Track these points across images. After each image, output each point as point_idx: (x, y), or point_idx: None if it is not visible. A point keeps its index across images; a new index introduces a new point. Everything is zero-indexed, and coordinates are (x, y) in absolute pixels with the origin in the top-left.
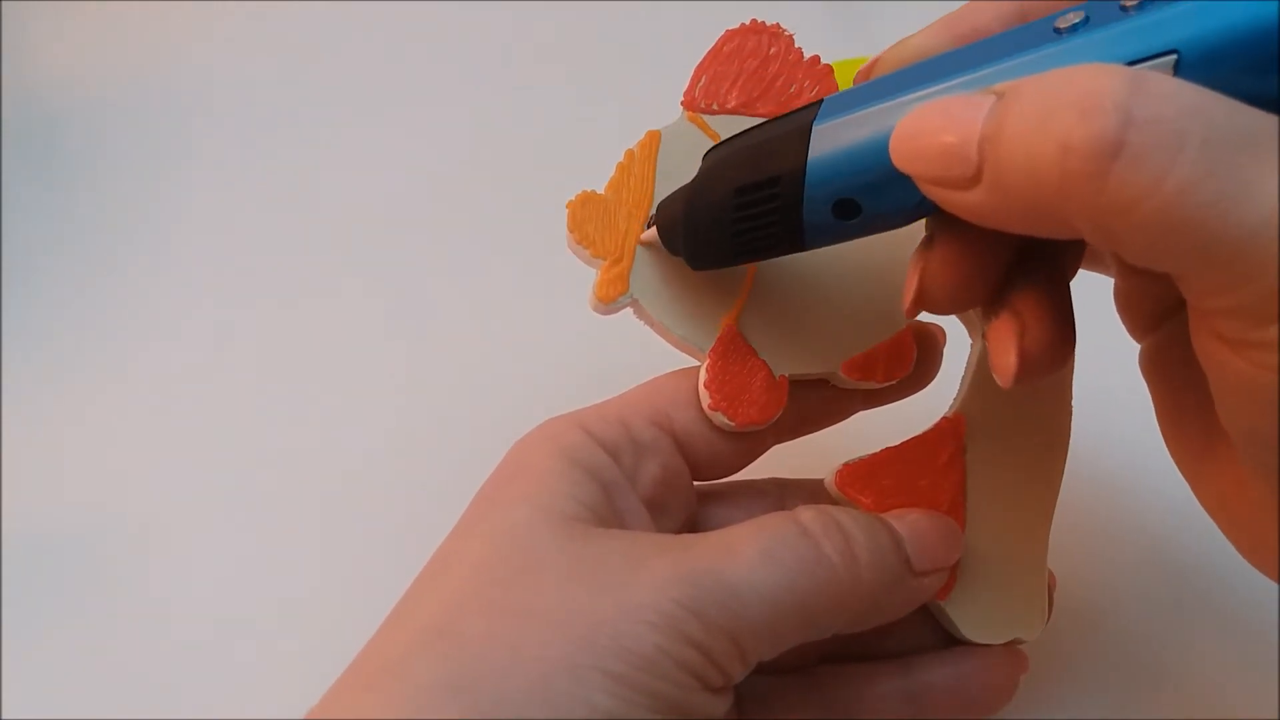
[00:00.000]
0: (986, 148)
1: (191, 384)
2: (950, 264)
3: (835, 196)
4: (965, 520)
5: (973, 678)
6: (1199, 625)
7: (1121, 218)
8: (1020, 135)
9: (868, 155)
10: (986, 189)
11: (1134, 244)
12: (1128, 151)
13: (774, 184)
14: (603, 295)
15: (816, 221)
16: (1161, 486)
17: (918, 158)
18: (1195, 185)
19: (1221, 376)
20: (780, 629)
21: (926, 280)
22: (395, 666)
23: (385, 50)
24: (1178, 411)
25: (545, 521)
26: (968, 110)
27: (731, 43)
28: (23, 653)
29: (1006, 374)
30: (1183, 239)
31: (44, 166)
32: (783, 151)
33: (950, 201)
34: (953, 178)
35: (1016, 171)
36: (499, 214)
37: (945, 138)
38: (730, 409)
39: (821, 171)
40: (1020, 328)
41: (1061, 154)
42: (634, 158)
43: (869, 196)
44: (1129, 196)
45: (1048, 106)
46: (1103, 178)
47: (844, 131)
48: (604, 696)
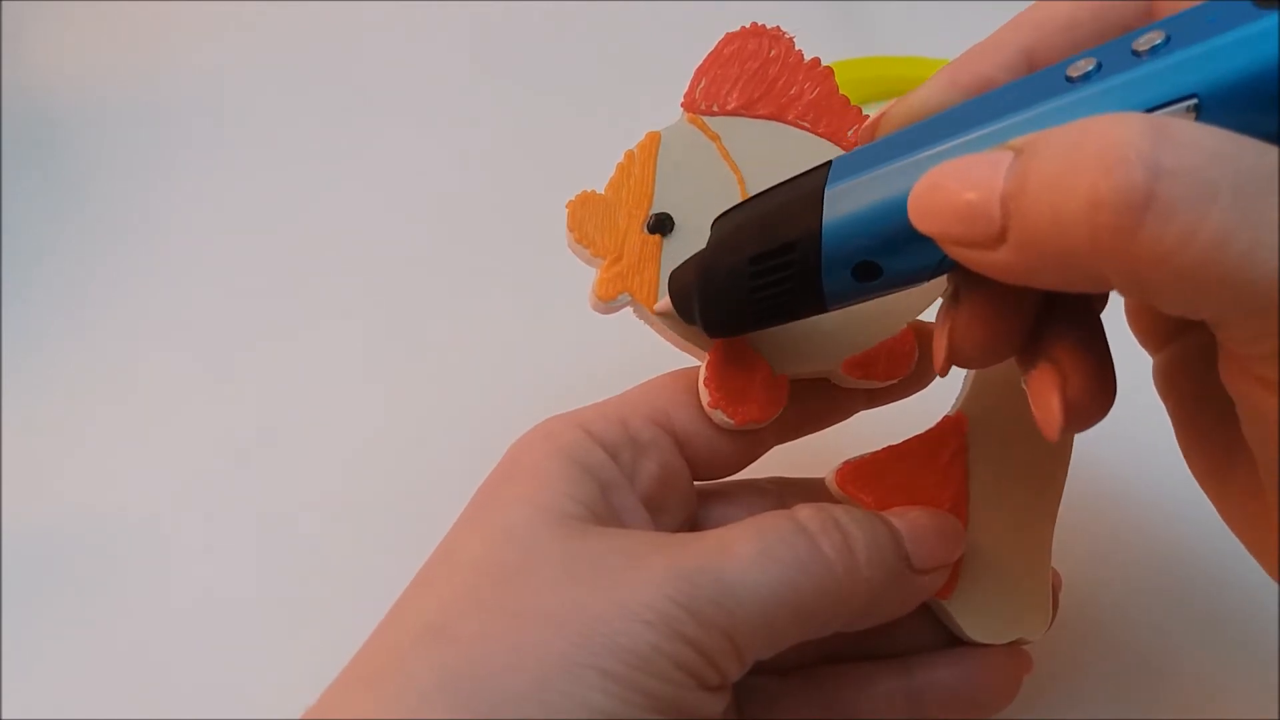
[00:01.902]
0: (1010, 205)
1: (191, 383)
2: (979, 320)
3: (854, 260)
4: (968, 519)
5: (975, 678)
6: (1201, 626)
7: (1156, 270)
8: (1045, 191)
9: (885, 217)
10: (1013, 247)
11: (1168, 295)
12: (1158, 203)
13: (789, 250)
14: (602, 294)
15: (837, 286)
16: (1165, 486)
17: (938, 218)
18: (1230, 234)
19: (1254, 411)
20: (777, 628)
21: (956, 338)
22: (392, 666)
23: (385, 50)
24: (1197, 429)
25: (543, 521)
26: (987, 168)
27: (732, 45)
28: (23, 652)
29: (1052, 427)
30: (1219, 289)
31: (44, 166)
32: (796, 218)
33: (975, 261)
34: (976, 237)
35: (1044, 228)
36: (499, 213)
37: (966, 196)
38: (730, 407)
39: (838, 237)
40: (1061, 379)
41: (1090, 209)
42: (634, 158)
43: (889, 258)
44: (1163, 249)
45: (1070, 161)
46: (1134, 231)
47: (858, 194)
48: (600, 696)
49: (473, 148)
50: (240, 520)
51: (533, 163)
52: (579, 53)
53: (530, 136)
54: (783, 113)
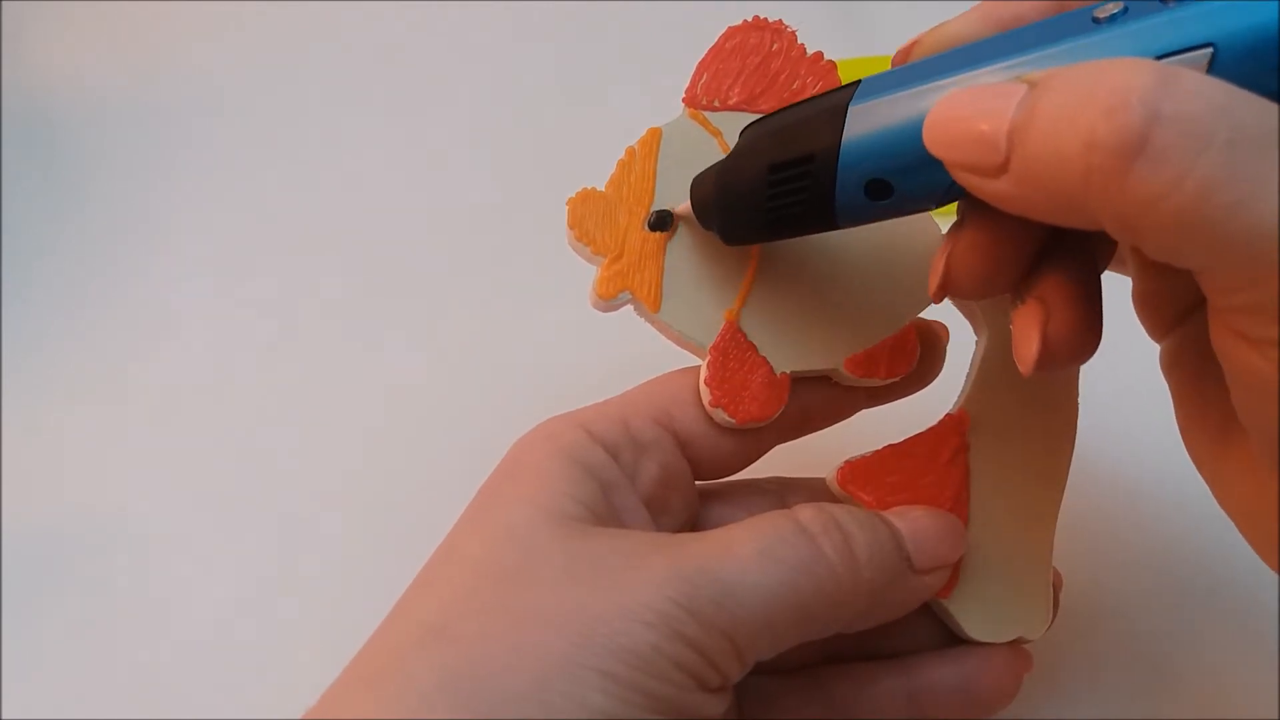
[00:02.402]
0: (1015, 137)
1: (191, 384)
2: (978, 249)
3: (868, 177)
4: (969, 518)
5: (976, 677)
6: (1202, 625)
7: (1142, 214)
8: (1048, 128)
9: (902, 138)
10: (1013, 178)
11: (1154, 240)
12: (1150, 149)
13: (808, 162)
14: (603, 292)
15: (848, 201)
16: (1167, 484)
17: (950, 143)
18: (1216, 185)
19: (1239, 373)
20: (778, 628)
21: (953, 264)
22: (393, 666)
23: (385, 49)
24: (1196, 410)
25: (544, 521)
26: (1000, 99)
27: (733, 39)
28: (23, 653)
29: (1028, 362)
30: (1202, 237)
31: (44, 166)
32: (818, 130)
33: (978, 188)
34: (982, 165)
35: (1042, 163)
36: (499, 211)
37: (977, 125)
38: (731, 406)
39: (855, 152)
40: (1045, 316)
41: (1086, 149)
42: (635, 155)
43: (901, 178)
44: (1150, 194)
45: (1076, 100)
46: (1124, 174)
47: (879, 113)
48: (600, 696)
49: (472, 146)
50: (240, 520)
51: (533, 160)
52: (579, 49)
53: (530, 133)
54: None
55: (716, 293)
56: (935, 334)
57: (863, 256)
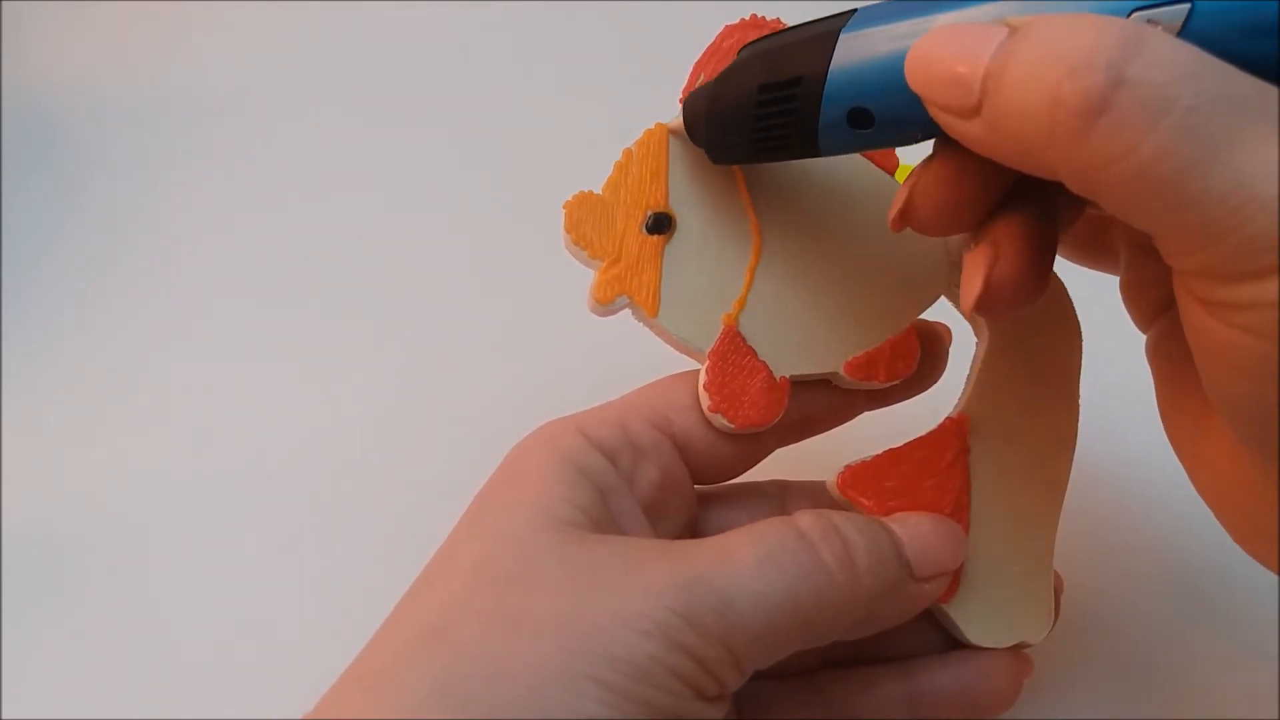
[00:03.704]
0: (989, 84)
1: (191, 384)
2: (944, 183)
3: (851, 104)
4: (969, 522)
5: (976, 682)
6: (1203, 628)
7: (1099, 173)
8: (1019, 79)
9: (886, 69)
10: (984, 123)
11: (1110, 199)
12: (1112, 111)
13: (795, 84)
14: (600, 297)
15: (832, 127)
16: (1167, 487)
17: (928, 80)
18: (1172, 149)
19: (1201, 342)
20: (777, 637)
21: (917, 195)
22: (390, 672)
23: (384, 51)
24: (1175, 393)
25: (541, 527)
26: (980, 41)
27: (731, 38)
28: (23, 653)
29: (969, 300)
30: (1156, 199)
31: (44, 166)
32: (808, 55)
33: (952, 127)
34: (956, 106)
35: (1011, 112)
36: (496, 215)
37: (956, 66)
38: (730, 411)
39: (842, 79)
40: (993, 257)
41: (1051, 105)
42: (632, 157)
43: (883, 109)
44: (1107, 154)
45: (1048, 55)
46: (1085, 134)
47: (868, 43)
48: (596, 705)
49: (469, 148)
50: (239, 521)
51: (529, 162)
52: (575, 49)
53: (527, 135)
54: None
55: (715, 296)
56: (937, 336)
57: (863, 259)
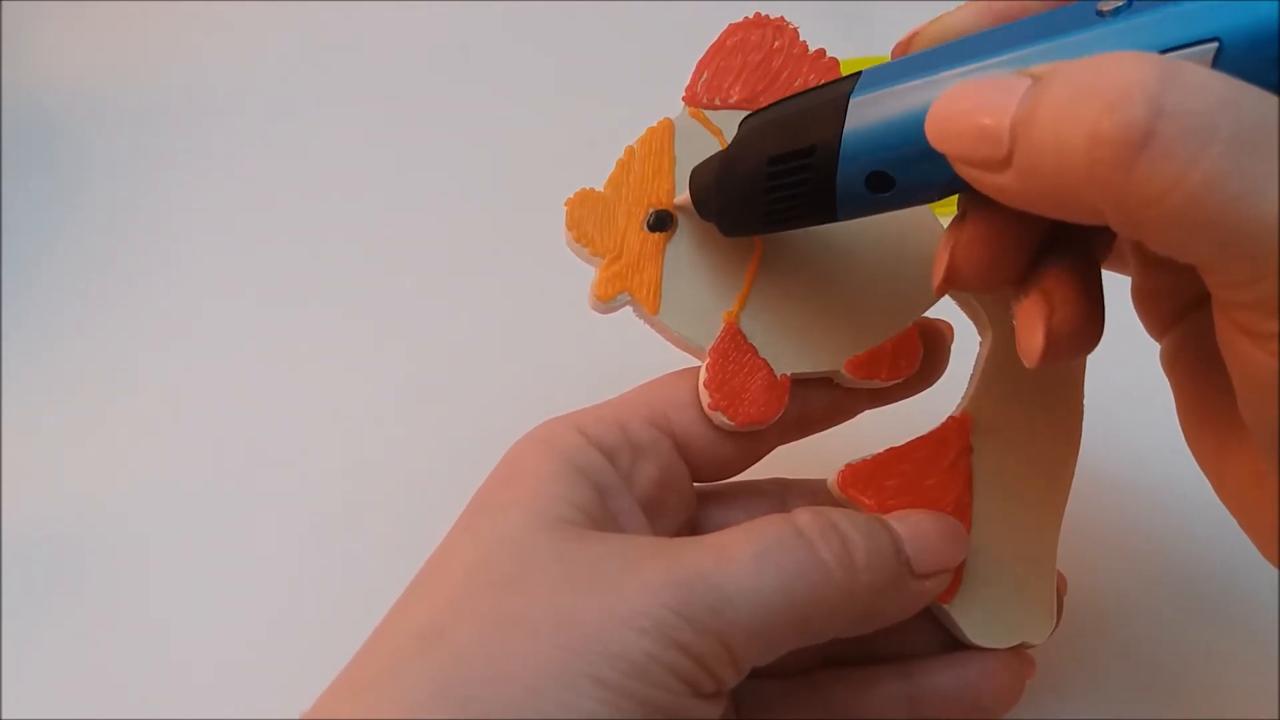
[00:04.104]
0: (1019, 131)
1: (191, 384)
2: (981, 241)
3: (869, 169)
4: (971, 522)
5: (977, 682)
6: (1204, 629)
7: (1147, 209)
8: (1051, 121)
9: (903, 130)
10: (1017, 172)
11: (1158, 234)
12: (1155, 143)
13: (809, 154)
14: (601, 294)
15: (849, 193)
16: (1168, 486)
17: (952, 136)
18: (1221, 179)
19: (1243, 369)
20: (774, 634)
21: (958, 257)
22: (387, 672)
23: (384, 50)
24: (1198, 407)
25: (538, 526)
26: (1003, 92)
27: (734, 36)
28: (23, 653)
29: (1033, 354)
30: (1207, 231)
31: (44, 166)
32: (819, 122)
33: (981, 181)
34: (984, 159)
35: (1046, 157)
36: (497, 212)
37: (980, 119)
38: (730, 409)
39: (857, 144)
40: (1049, 309)
41: (1090, 143)
42: (634, 154)
43: (903, 171)
44: (1155, 188)
45: (1080, 94)
46: (1129, 168)
47: (881, 105)
48: (594, 704)
49: (471, 146)
50: (239, 522)
51: (530, 160)
52: (576, 48)
53: (529, 133)
54: None
55: (716, 294)
56: (940, 334)
57: (865, 256)
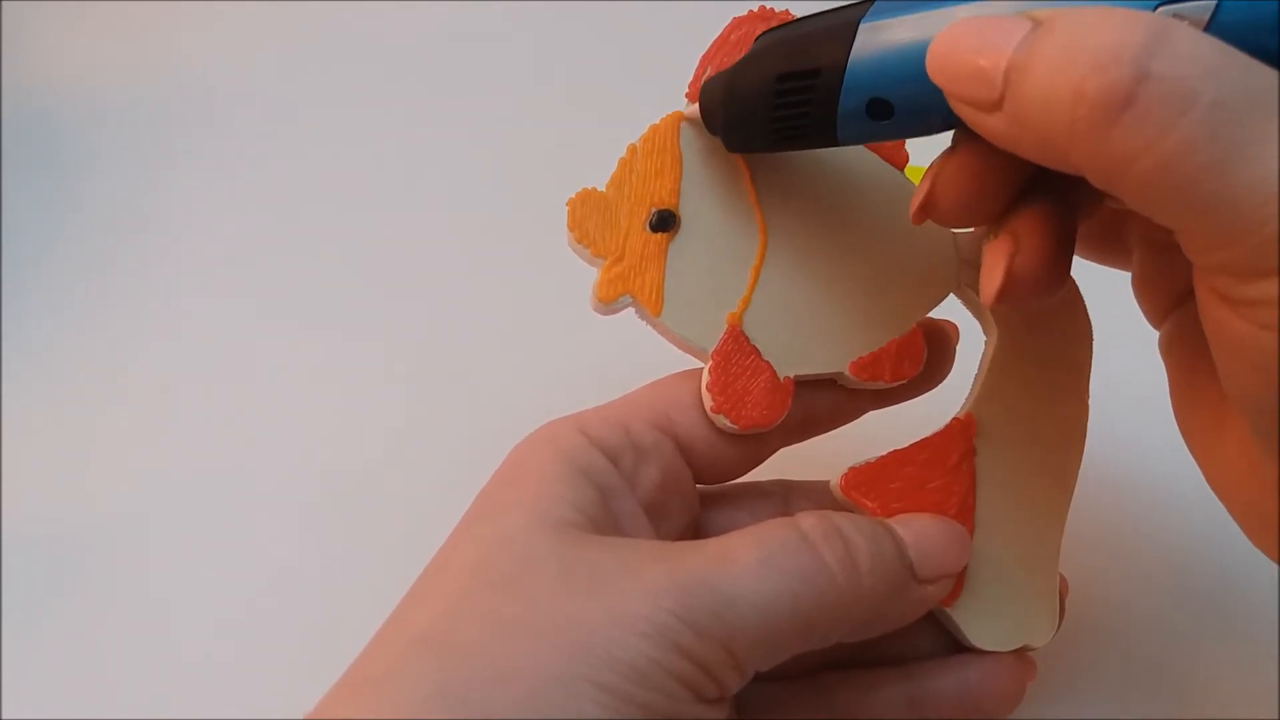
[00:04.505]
0: (1012, 77)
1: (191, 384)
2: (965, 173)
3: (871, 95)
4: (974, 524)
5: (979, 685)
6: (1205, 631)
7: (1122, 170)
8: (1042, 73)
9: (907, 61)
10: (1006, 117)
11: (1133, 194)
12: (1135, 106)
13: (815, 75)
14: (603, 295)
15: (851, 118)
16: (1168, 488)
17: (949, 73)
18: (1196, 144)
19: (1220, 337)
20: (777, 639)
21: (939, 186)
22: (389, 674)
23: (385, 51)
24: (1190, 390)
25: (540, 529)
26: (1003, 34)
27: (739, 30)
28: (23, 653)
29: (989, 293)
30: (1179, 195)
31: (44, 166)
32: (827, 44)
33: (973, 120)
34: (978, 99)
35: (1033, 107)
36: (499, 212)
37: (977, 59)
38: (733, 411)
39: (861, 69)
40: (1014, 248)
41: (1074, 100)
42: (636, 153)
43: (903, 100)
44: (1130, 149)
45: (1072, 49)
46: (1108, 128)
47: (888, 33)
48: (594, 708)
49: (473, 146)
50: (240, 522)
51: (532, 160)
52: (580, 47)
53: (530, 133)
54: None
55: (719, 295)
56: (944, 334)
57: (869, 257)
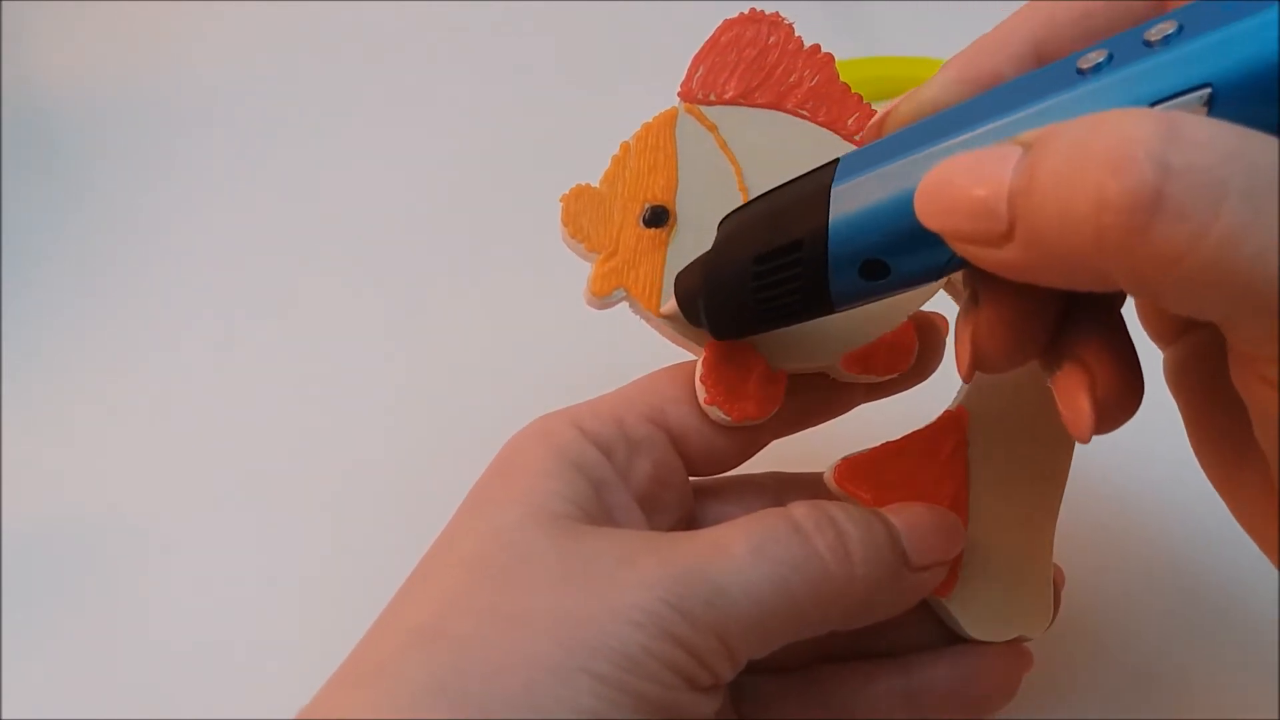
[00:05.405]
0: (1018, 202)
1: (191, 383)
2: (1001, 323)
3: (862, 258)
4: (968, 515)
5: (974, 677)
6: (1203, 624)
7: (1163, 273)
8: (1052, 189)
9: (893, 214)
10: (1020, 245)
11: (1177, 296)
12: (1167, 204)
13: (795, 249)
14: (597, 290)
15: (844, 285)
16: (1167, 483)
17: (946, 214)
18: (1240, 235)
19: (1263, 413)
20: (770, 627)
21: (980, 344)
22: (384, 667)
23: (383, 49)
24: (1208, 426)
25: (534, 521)
26: (995, 163)
27: (729, 32)
28: (23, 653)
29: (1084, 428)
30: (1227, 290)
31: (44, 166)
32: (802, 215)
33: (982, 258)
34: (983, 234)
35: (1050, 227)
36: (493, 209)
37: (974, 192)
38: (726, 404)
39: (845, 233)
40: (1089, 379)
41: (1097, 209)
42: (629, 150)
43: (897, 256)
44: (1170, 252)
45: (1080, 157)
46: (1142, 233)
47: (865, 190)
48: (589, 698)
49: (468, 143)
50: (238, 521)
51: (527, 156)
52: (573, 45)
53: (525, 129)
54: (781, 101)
55: None
56: (935, 327)
57: None
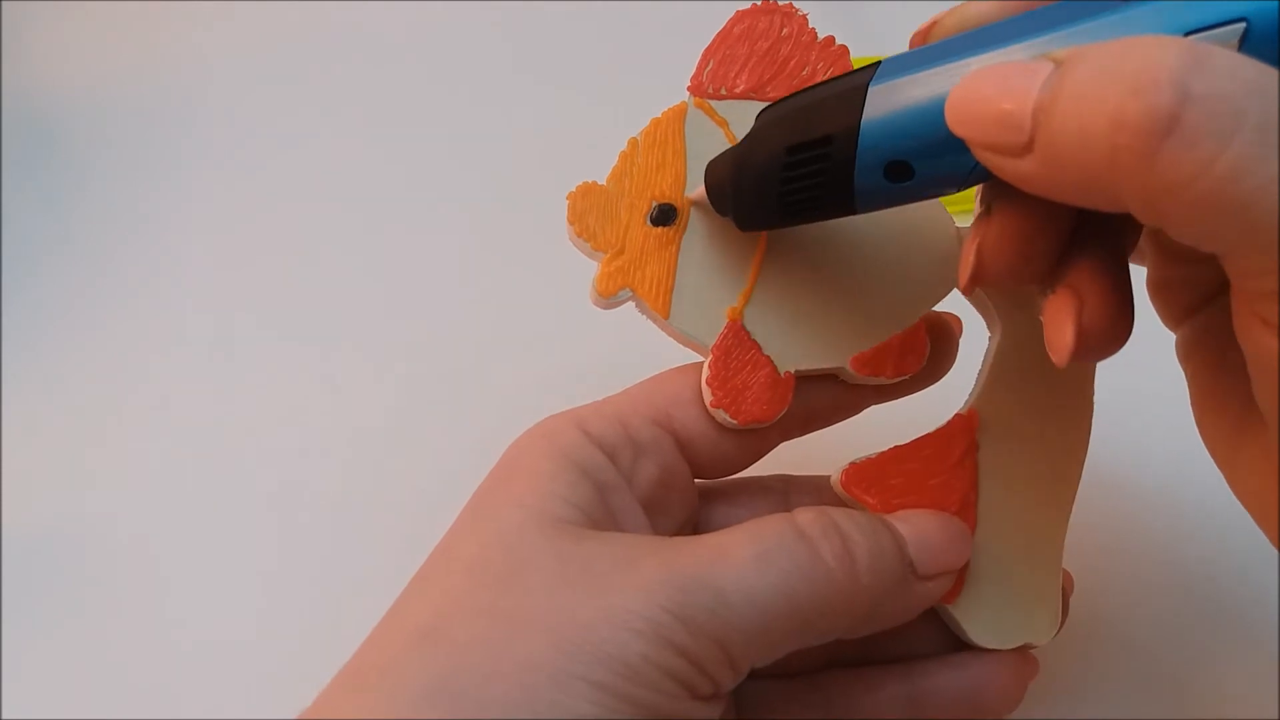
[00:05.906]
0: (1040, 116)
1: (190, 384)
2: (1008, 235)
3: (888, 158)
4: (977, 520)
5: (979, 683)
6: (1205, 628)
7: (1170, 196)
8: (1074, 106)
9: (923, 118)
10: (1038, 158)
11: (1181, 223)
12: (1180, 130)
13: (826, 143)
14: (603, 289)
15: (868, 183)
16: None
17: (973, 122)
18: (1248, 167)
19: (1261, 359)
20: (773, 636)
21: (984, 252)
22: (386, 669)
23: (384, 46)
24: (1213, 398)
25: (537, 525)
26: (1025, 77)
27: (742, 24)
28: (23, 653)
29: (1063, 352)
30: (1231, 220)
31: (44, 166)
32: (837, 111)
33: (1003, 168)
34: (1006, 145)
35: (1068, 143)
36: (498, 207)
37: (1001, 104)
38: (733, 407)
39: (875, 132)
40: (1078, 304)
41: (1113, 128)
42: (637, 147)
43: (922, 159)
44: (1179, 175)
45: (1104, 78)
46: (1153, 155)
47: (900, 93)
48: (588, 705)
49: (473, 140)
50: (238, 522)
51: (532, 152)
52: (582, 40)
53: (531, 126)
54: None
55: (719, 289)
56: (947, 328)
57: (872, 250)
